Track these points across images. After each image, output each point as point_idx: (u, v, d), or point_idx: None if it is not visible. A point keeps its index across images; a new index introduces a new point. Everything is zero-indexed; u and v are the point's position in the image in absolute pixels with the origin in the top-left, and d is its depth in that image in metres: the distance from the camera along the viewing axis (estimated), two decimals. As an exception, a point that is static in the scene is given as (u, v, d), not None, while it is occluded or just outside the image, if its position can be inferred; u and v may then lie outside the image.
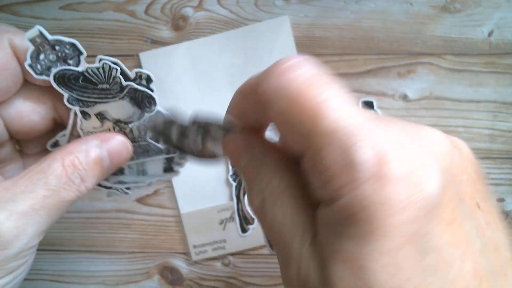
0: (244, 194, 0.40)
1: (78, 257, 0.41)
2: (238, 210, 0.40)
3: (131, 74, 0.20)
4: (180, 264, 0.40)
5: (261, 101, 0.14)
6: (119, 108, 0.21)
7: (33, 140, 0.23)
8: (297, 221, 0.15)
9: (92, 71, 0.20)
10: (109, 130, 0.22)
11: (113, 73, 0.20)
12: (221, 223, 0.40)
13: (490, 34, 0.39)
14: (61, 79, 0.20)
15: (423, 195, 0.13)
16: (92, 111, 0.21)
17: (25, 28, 0.37)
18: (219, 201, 0.40)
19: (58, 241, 0.41)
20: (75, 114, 0.21)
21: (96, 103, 0.21)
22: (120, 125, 0.22)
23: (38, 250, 0.21)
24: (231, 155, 0.18)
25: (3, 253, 0.17)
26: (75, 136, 0.22)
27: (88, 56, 0.21)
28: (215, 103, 0.39)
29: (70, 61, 0.20)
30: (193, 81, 0.40)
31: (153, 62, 0.40)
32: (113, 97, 0.21)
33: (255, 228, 0.40)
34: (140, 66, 0.40)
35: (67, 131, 0.22)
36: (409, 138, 0.14)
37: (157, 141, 0.23)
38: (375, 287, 0.12)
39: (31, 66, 0.19)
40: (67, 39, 0.19)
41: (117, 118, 0.21)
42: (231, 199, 0.40)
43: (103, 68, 0.20)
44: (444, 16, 0.39)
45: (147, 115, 0.21)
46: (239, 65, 0.40)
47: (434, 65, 0.40)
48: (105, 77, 0.20)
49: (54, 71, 0.19)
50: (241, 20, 0.39)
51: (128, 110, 0.21)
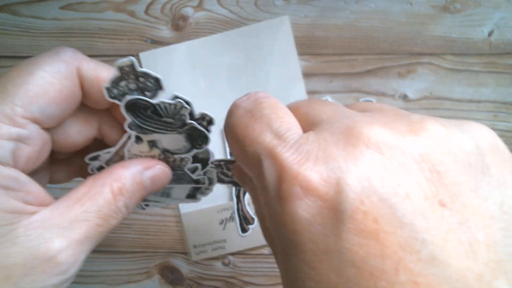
0: (244, 194, 0.40)
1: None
2: (238, 210, 0.40)
3: (197, 114, 0.21)
4: (180, 263, 0.40)
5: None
6: (172, 140, 0.22)
7: None
8: None
9: (164, 105, 0.20)
10: (154, 156, 0.22)
11: (182, 111, 0.20)
12: (221, 223, 0.40)
13: (490, 34, 0.39)
14: (131, 106, 0.20)
15: (328, 208, 0.12)
16: (146, 137, 0.21)
17: (26, 28, 0.37)
18: (219, 201, 0.40)
19: (58, 241, 0.41)
20: (128, 137, 0.21)
21: (154, 132, 0.21)
22: (166, 154, 0.22)
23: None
24: (237, 178, 0.22)
25: (60, 277, 0.18)
26: (119, 155, 0.22)
27: (88, 56, 0.21)
28: (215, 103, 0.39)
29: (147, 93, 0.20)
30: (193, 81, 0.40)
31: (153, 62, 0.40)
32: (172, 130, 0.21)
33: (255, 228, 0.40)
34: (140, 66, 0.40)
35: (113, 150, 0.22)
36: (324, 150, 0.13)
37: (222, 180, 0.25)
38: None
39: (107, 89, 0.20)
40: (153, 74, 0.20)
41: (166, 148, 0.22)
42: (231, 199, 0.40)
43: (175, 105, 0.20)
44: (444, 16, 0.39)
45: (194, 151, 0.22)
46: (239, 65, 0.40)
47: (434, 65, 0.40)
48: (173, 112, 0.20)
49: (129, 97, 0.20)
50: (241, 20, 0.39)
51: (180, 143, 0.22)
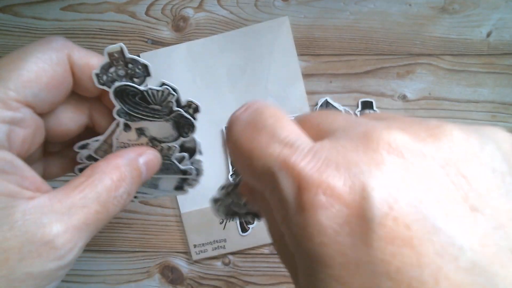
0: (244, 193, 0.40)
1: (79, 256, 0.41)
2: (238, 209, 0.40)
3: (184, 101, 0.21)
4: (180, 263, 0.40)
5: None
6: (160, 128, 0.22)
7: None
8: None
9: (152, 92, 0.21)
10: (142, 144, 0.23)
11: (169, 98, 0.21)
12: (221, 222, 0.40)
13: (488, 34, 0.39)
14: (120, 92, 0.20)
15: (356, 215, 0.11)
16: (134, 125, 0.22)
17: (27, 28, 0.38)
18: (219, 200, 0.40)
19: (59, 241, 0.41)
20: (117, 124, 0.22)
21: (142, 119, 0.22)
22: (154, 142, 0.23)
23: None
24: (246, 196, 0.21)
25: (58, 263, 0.18)
26: (107, 143, 0.23)
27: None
28: (215, 103, 0.40)
29: (136, 79, 0.21)
30: (194, 82, 0.40)
31: (153, 62, 0.39)
32: (160, 118, 0.22)
33: (255, 227, 0.40)
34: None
35: (102, 138, 0.22)
36: (340, 157, 0.12)
37: (235, 214, 0.24)
38: None
39: (97, 75, 0.20)
40: (142, 60, 0.20)
41: (154, 136, 0.22)
42: (231, 199, 0.40)
43: (163, 92, 0.21)
44: (442, 17, 0.39)
45: (181, 139, 0.23)
46: (239, 65, 0.40)
47: (433, 65, 0.40)
48: (161, 99, 0.21)
49: (117, 84, 0.20)
50: (241, 20, 0.40)
51: (167, 131, 0.22)
